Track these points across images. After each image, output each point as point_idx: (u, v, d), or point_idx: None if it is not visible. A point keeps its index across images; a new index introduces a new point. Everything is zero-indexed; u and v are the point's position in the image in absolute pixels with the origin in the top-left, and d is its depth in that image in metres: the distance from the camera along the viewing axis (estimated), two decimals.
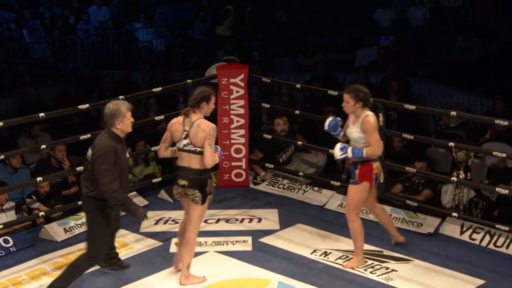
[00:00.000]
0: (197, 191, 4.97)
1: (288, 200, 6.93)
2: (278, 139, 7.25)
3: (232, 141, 7.18)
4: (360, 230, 5.42)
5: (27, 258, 5.80)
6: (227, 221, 6.44)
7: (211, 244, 5.94)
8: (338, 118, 5.48)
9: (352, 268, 5.47)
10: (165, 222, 6.38)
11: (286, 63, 11.13)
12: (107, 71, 10.97)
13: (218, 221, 6.43)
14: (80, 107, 6.36)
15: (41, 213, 6.29)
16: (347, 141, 5.42)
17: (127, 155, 5.29)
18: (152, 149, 6.97)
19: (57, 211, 6.45)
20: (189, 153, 4.97)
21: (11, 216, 6.35)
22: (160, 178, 7.10)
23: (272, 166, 7.23)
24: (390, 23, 11.75)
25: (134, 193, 6.75)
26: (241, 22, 12.43)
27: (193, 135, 4.95)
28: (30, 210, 6.54)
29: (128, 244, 5.95)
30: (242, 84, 7.12)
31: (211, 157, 4.94)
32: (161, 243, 5.98)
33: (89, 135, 6.45)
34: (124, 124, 4.85)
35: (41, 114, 6.18)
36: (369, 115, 5.22)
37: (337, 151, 5.32)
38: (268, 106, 7.45)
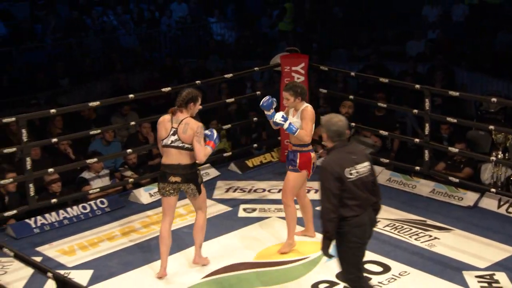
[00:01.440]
0: (191, 184, 4.75)
1: None
2: None
3: None
4: (294, 214, 5.12)
5: (119, 217, 5.97)
6: None
7: (273, 211, 5.96)
8: (274, 99, 5.16)
9: (285, 253, 5.10)
10: (234, 191, 6.44)
11: (342, 54, 10.97)
12: (185, 60, 11.08)
13: (279, 191, 6.40)
14: (163, 89, 6.46)
15: (130, 180, 6.46)
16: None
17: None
18: (224, 127, 7.04)
19: (144, 178, 6.59)
20: (177, 149, 4.69)
21: (105, 181, 6.55)
22: (230, 153, 7.15)
23: None
24: (436, 18, 11.41)
25: (208, 165, 6.81)
26: (301, 17, 12.32)
27: (182, 132, 4.67)
28: (122, 177, 6.71)
29: None
30: (302, 71, 7.07)
31: (202, 152, 4.64)
32: (231, 208, 6.05)
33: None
34: None
35: (131, 96, 6.31)
36: (308, 107, 5.00)
37: (278, 116, 4.98)
38: (325, 91, 7.38)
